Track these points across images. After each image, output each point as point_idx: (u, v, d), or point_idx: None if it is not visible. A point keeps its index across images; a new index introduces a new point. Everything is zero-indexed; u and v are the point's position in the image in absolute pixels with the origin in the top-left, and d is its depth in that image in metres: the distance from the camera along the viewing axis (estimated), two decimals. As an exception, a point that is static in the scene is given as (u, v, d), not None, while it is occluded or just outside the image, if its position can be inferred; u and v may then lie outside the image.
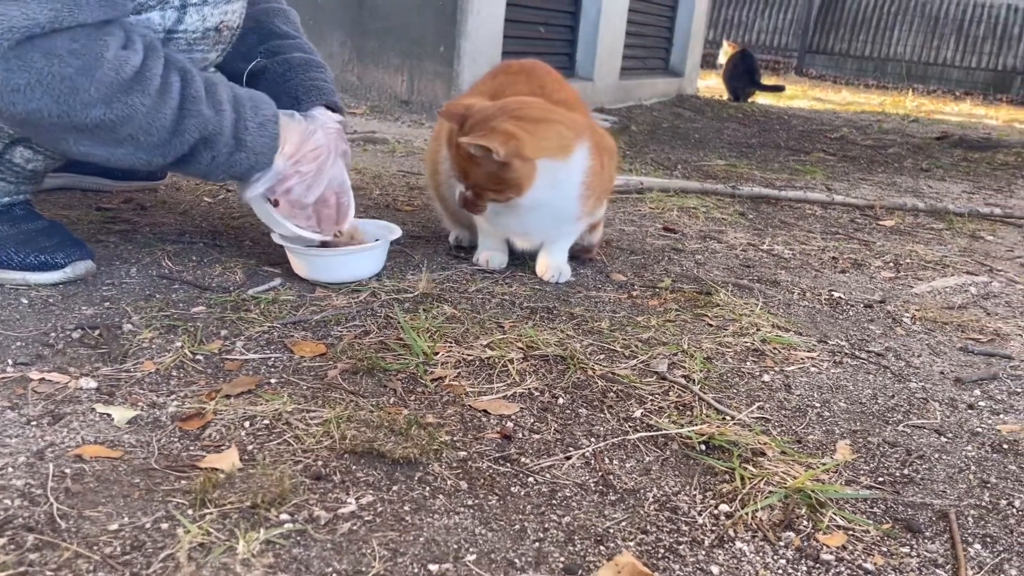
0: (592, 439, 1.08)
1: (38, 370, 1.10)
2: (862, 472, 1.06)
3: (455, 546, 0.84)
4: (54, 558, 0.76)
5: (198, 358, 1.19)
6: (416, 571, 0.79)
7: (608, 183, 1.70)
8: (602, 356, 1.34)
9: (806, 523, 0.93)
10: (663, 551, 0.86)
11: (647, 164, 3.49)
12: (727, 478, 1.01)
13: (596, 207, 1.68)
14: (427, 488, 0.93)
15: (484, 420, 1.10)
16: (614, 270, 1.83)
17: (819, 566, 0.86)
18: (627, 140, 4.11)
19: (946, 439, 1.18)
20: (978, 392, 1.36)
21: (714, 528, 0.91)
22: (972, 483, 1.06)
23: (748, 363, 1.37)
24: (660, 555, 0.86)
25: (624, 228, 2.25)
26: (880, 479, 1.05)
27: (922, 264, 2.19)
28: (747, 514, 0.93)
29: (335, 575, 0.78)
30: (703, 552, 0.87)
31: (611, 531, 0.89)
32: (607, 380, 1.25)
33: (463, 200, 1.55)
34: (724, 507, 0.95)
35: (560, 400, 1.18)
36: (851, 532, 0.93)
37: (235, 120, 1.33)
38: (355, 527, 0.85)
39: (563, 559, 0.83)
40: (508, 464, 1.00)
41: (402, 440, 1.01)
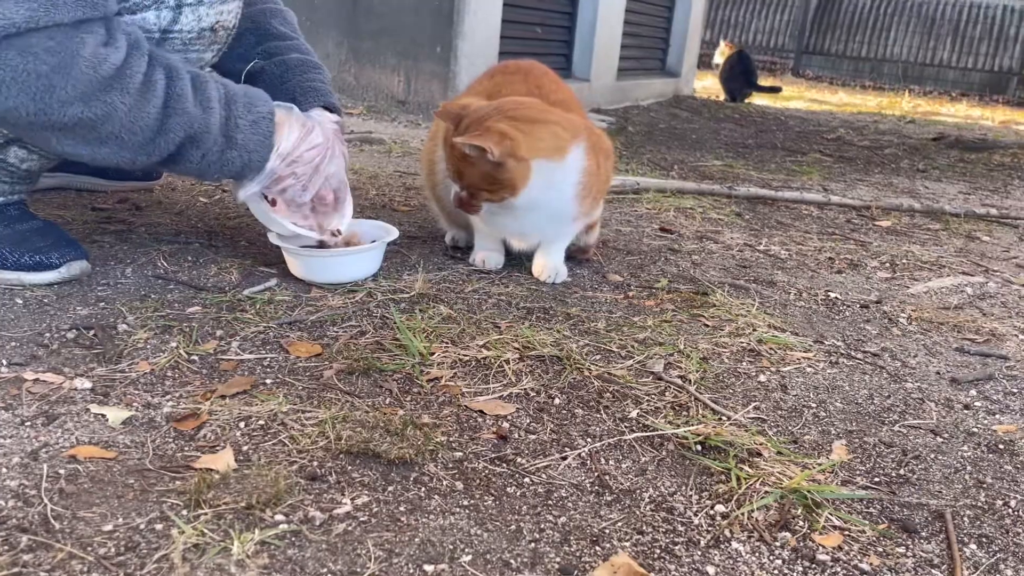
0: (588, 439, 1.08)
1: (32, 370, 1.10)
2: (858, 472, 1.06)
3: (451, 547, 0.84)
4: (48, 559, 0.76)
5: (193, 358, 1.19)
6: (411, 572, 0.79)
7: (604, 184, 1.70)
8: (598, 356, 1.34)
9: (802, 523, 0.93)
10: (659, 551, 0.86)
11: (644, 164, 3.49)
12: (723, 478, 1.01)
13: (592, 208, 1.68)
14: (423, 489, 0.93)
15: (480, 420, 1.10)
16: (610, 270, 1.83)
17: (815, 566, 0.86)
18: (624, 141, 4.12)
19: (942, 439, 1.18)
20: (974, 392, 1.36)
21: (710, 528, 0.91)
22: (968, 483, 1.06)
23: (744, 363, 1.37)
24: (656, 555, 0.86)
25: (621, 228, 2.25)
26: (876, 479, 1.05)
27: (918, 264, 2.19)
28: (743, 514, 0.93)
29: (330, 576, 0.78)
30: (699, 552, 0.87)
31: (607, 531, 0.89)
32: (603, 380, 1.25)
33: (458, 200, 1.55)
34: (720, 507, 0.95)
35: (556, 400, 1.18)
36: (847, 532, 0.93)
37: (225, 118, 1.32)
38: (350, 528, 0.85)
39: (559, 560, 0.83)
40: (504, 464, 1.00)
41: (398, 440, 1.00)
